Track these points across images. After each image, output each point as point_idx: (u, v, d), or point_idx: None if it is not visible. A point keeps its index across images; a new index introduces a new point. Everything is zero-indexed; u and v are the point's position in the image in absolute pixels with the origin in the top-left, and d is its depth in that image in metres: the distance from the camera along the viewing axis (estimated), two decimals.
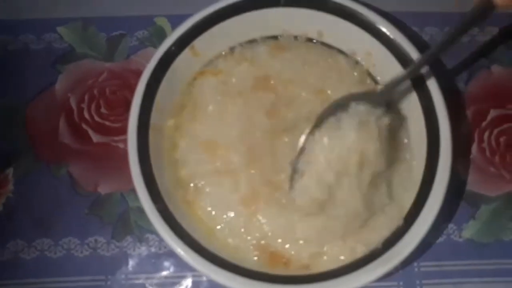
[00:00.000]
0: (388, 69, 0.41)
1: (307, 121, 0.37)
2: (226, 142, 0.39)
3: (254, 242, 0.37)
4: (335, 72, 0.41)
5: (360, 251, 0.36)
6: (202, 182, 0.39)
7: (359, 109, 0.37)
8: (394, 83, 0.38)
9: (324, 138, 0.36)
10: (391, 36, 0.40)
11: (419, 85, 0.39)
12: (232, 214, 0.38)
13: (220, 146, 0.39)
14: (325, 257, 0.37)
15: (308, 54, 0.42)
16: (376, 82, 0.43)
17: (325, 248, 0.37)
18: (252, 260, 0.37)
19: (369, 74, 0.43)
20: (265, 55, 0.43)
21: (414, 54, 0.40)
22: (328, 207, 0.36)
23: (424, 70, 0.39)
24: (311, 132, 0.36)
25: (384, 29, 0.40)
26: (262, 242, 0.37)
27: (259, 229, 0.38)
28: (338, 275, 0.34)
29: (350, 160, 0.36)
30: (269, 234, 0.37)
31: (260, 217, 0.38)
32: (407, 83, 0.39)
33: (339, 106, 0.37)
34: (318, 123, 0.36)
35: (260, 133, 0.39)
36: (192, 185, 0.39)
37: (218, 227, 0.38)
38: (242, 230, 0.38)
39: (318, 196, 0.36)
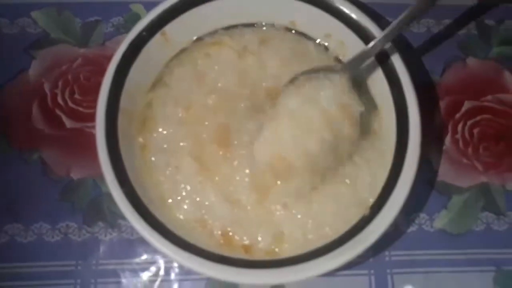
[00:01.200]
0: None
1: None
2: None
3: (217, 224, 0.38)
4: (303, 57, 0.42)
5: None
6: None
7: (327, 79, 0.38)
8: (356, 59, 0.38)
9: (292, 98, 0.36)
10: (362, 24, 0.40)
11: (390, 76, 0.39)
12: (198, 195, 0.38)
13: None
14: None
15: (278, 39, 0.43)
16: None
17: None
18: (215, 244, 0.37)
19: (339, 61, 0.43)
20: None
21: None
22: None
23: (396, 60, 0.39)
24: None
25: (355, 17, 0.40)
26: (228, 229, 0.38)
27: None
28: (304, 260, 0.34)
29: (314, 124, 0.36)
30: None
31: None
32: (379, 73, 0.40)
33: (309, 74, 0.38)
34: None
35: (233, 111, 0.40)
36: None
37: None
38: (206, 217, 0.38)
39: (278, 151, 0.36)
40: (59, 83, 0.46)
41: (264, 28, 0.44)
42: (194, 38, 0.43)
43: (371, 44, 0.38)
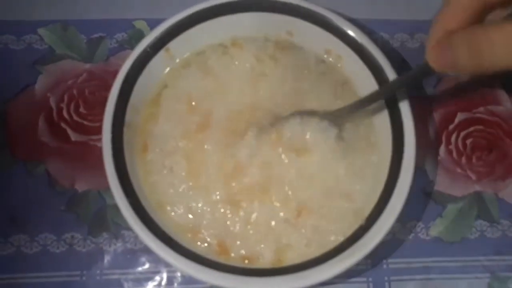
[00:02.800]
0: (357, 72, 0.43)
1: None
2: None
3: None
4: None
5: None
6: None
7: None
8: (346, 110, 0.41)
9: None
10: (359, 41, 0.42)
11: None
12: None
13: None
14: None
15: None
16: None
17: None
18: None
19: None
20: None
21: (381, 58, 0.41)
22: None
23: (391, 75, 0.41)
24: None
25: (352, 34, 0.42)
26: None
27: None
28: (304, 268, 0.35)
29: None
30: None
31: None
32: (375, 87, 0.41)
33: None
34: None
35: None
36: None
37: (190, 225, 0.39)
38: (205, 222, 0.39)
39: None
40: (64, 97, 0.47)
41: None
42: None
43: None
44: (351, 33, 0.42)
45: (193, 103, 0.42)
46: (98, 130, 0.45)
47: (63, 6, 0.51)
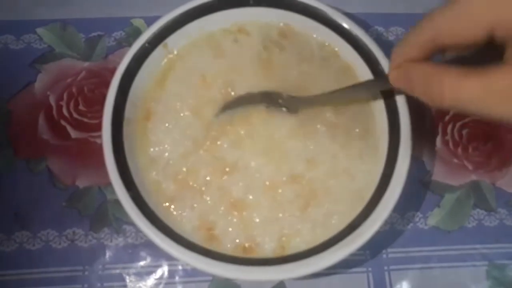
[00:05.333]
0: (354, 63, 0.43)
1: None
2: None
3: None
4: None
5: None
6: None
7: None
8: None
9: None
10: (354, 33, 0.42)
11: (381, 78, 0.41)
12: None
13: None
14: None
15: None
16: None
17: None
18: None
19: None
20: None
21: (376, 50, 0.42)
22: None
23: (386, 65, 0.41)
24: None
25: (347, 27, 0.43)
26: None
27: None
28: (304, 257, 0.36)
29: None
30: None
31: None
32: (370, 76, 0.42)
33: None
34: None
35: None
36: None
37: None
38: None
39: None
40: (64, 95, 0.48)
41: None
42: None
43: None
44: (346, 26, 0.42)
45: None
46: (98, 127, 0.46)
47: (62, 5, 0.52)
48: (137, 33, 0.50)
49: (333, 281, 0.43)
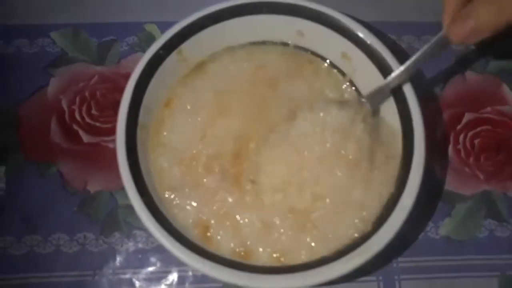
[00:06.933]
0: (367, 74, 0.43)
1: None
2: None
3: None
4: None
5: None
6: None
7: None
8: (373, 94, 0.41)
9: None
10: (368, 42, 0.42)
11: (396, 92, 0.41)
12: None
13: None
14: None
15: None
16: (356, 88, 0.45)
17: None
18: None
19: (350, 81, 0.45)
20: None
21: (390, 59, 0.42)
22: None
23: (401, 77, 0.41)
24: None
25: (361, 35, 0.43)
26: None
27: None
28: (315, 266, 0.36)
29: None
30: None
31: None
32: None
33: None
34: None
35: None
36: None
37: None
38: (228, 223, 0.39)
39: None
40: (76, 100, 0.48)
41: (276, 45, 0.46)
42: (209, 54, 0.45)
43: (389, 78, 0.41)
44: (360, 34, 0.42)
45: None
46: (110, 132, 0.47)
47: (75, 10, 0.52)
48: (150, 38, 0.50)
49: None
